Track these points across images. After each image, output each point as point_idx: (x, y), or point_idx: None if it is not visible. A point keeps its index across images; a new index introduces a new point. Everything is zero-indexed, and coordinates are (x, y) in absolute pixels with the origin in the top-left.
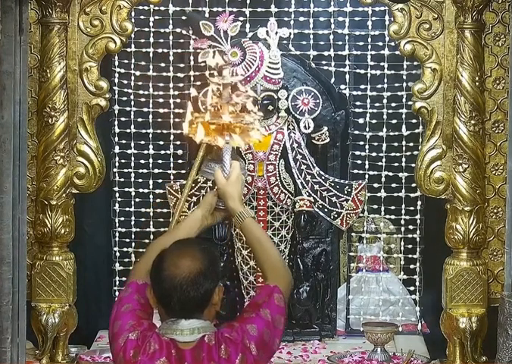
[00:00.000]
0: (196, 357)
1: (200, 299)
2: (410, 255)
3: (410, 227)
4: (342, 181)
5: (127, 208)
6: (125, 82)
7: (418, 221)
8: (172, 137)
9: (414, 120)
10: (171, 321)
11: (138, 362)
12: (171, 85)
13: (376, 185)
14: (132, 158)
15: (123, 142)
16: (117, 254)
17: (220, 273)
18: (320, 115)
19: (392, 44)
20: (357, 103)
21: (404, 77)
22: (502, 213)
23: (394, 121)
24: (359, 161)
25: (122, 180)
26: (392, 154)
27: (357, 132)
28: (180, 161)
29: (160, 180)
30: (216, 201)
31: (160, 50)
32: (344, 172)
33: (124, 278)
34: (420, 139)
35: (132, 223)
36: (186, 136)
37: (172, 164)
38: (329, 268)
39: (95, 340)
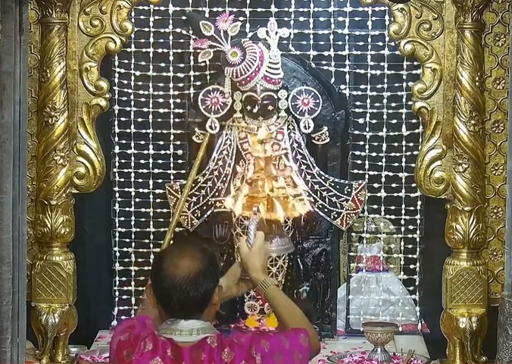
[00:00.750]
0: (195, 357)
1: (200, 299)
2: (410, 255)
3: (410, 227)
4: (342, 181)
5: (127, 208)
6: (125, 82)
7: (418, 221)
8: (172, 137)
9: (414, 120)
10: (170, 322)
11: (132, 361)
12: (171, 85)
13: (376, 185)
14: (132, 158)
15: (123, 142)
16: (117, 254)
17: (219, 273)
18: (320, 115)
19: (392, 44)
20: (357, 103)
21: (404, 77)
22: (502, 213)
23: (394, 121)
24: (359, 161)
25: (122, 180)
26: (392, 154)
27: (357, 132)
28: (180, 161)
29: (160, 180)
30: (240, 271)
31: (160, 50)
32: (344, 172)
33: (124, 278)
34: (420, 139)
35: (132, 223)
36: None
37: (172, 164)
38: (329, 268)
39: (95, 340)
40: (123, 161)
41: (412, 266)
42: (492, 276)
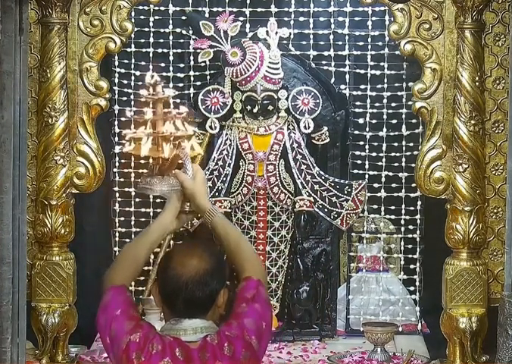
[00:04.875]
0: (201, 357)
1: (205, 299)
2: (410, 255)
3: (410, 227)
4: (342, 181)
5: (127, 208)
6: (125, 82)
7: (418, 221)
8: None
9: (414, 120)
10: (174, 321)
11: (141, 363)
12: (171, 85)
13: (376, 185)
14: (132, 158)
15: (123, 142)
16: (117, 254)
17: (226, 275)
18: (320, 115)
19: (392, 44)
20: (357, 103)
21: (404, 77)
22: (502, 213)
23: (394, 121)
24: (359, 161)
25: (122, 180)
26: (392, 154)
27: (357, 132)
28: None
29: None
30: (181, 204)
31: (160, 50)
32: (345, 172)
33: None
34: (420, 139)
35: (132, 223)
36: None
37: None
38: (329, 268)
39: (95, 340)
40: (123, 161)
41: (412, 266)
42: (492, 276)
